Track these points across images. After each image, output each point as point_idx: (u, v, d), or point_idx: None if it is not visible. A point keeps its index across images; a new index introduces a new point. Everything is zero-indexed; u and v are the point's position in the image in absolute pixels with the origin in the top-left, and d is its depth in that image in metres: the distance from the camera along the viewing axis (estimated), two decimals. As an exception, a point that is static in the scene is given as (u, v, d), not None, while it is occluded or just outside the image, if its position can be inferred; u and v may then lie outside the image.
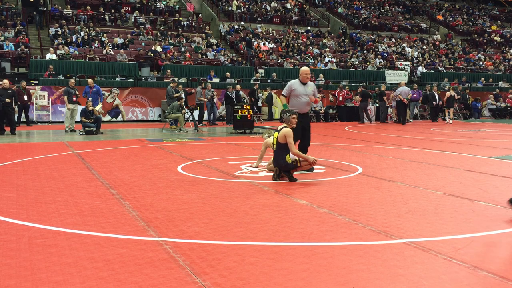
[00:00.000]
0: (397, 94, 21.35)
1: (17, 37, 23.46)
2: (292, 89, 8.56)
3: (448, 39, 38.29)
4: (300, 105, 8.53)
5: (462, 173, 8.08)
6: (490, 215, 5.28)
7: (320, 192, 6.49)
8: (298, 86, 8.56)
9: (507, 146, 12.18)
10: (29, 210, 5.43)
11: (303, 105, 8.57)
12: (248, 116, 15.93)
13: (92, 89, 16.52)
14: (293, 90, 8.55)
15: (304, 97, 8.49)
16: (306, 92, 8.53)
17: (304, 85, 8.59)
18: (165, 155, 10.30)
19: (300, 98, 8.51)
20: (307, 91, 8.56)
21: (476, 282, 3.42)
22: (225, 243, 4.23)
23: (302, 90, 8.55)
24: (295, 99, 8.53)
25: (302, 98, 8.51)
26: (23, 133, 15.82)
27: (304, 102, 8.54)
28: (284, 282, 3.39)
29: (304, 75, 8.59)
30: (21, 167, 8.53)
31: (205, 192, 6.39)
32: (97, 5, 29.26)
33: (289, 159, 7.24)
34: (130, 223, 4.88)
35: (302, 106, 8.55)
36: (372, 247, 4.14)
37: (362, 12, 38.74)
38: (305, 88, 8.57)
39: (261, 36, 30.40)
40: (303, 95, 8.52)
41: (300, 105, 8.53)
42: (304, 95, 8.50)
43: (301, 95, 8.52)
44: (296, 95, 8.53)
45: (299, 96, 8.52)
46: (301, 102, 8.54)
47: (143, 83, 21.96)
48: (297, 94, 8.51)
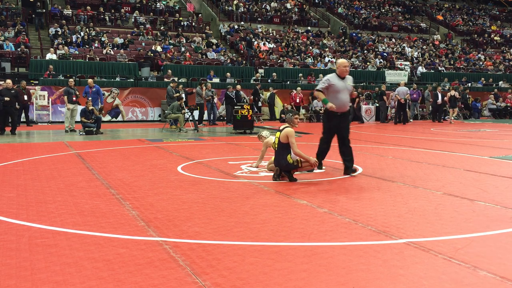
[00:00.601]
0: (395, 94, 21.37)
1: (17, 37, 23.45)
2: (330, 84, 7.52)
3: (448, 39, 38.29)
4: (339, 103, 7.52)
5: (462, 173, 8.07)
6: (490, 215, 5.28)
7: (320, 192, 6.49)
8: (337, 81, 7.55)
9: (507, 146, 12.18)
10: (29, 210, 5.43)
11: (344, 102, 7.56)
12: (248, 116, 15.93)
13: (92, 89, 16.52)
14: (331, 85, 7.52)
15: (345, 93, 7.51)
16: (346, 88, 7.56)
17: (343, 79, 7.60)
18: (165, 155, 10.30)
19: (339, 94, 7.49)
20: (347, 86, 7.58)
21: (476, 282, 3.42)
22: (225, 243, 4.23)
23: (342, 85, 7.54)
24: (334, 96, 7.48)
25: (342, 94, 7.50)
26: (23, 133, 15.82)
27: (344, 99, 7.54)
28: (284, 282, 3.39)
29: (343, 67, 7.57)
30: (21, 167, 8.53)
31: (205, 192, 6.39)
32: (97, 5, 29.25)
33: (290, 159, 7.24)
34: (130, 223, 4.88)
35: (342, 103, 7.55)
36: (372, 247, 4.14)
37: (362, 12, 38.73)
38: (345, 83, 7.59)
39: (261, 36, 30.40)
40: (343, 91, 7.52)
41: (340, 102, 7.52)
42: (344, 91, 7.52)
43: (341, 90, 7.51)
44: (334, 91, 7.51)
45: (339, 92, 7.49)
46: (341, 99, 7.51)
47: (143, 83, 21.96)
48: (336, 89, 7.51)
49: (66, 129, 15.96)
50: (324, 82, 7.59)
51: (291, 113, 7.54)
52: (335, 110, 7.48)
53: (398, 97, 20.92)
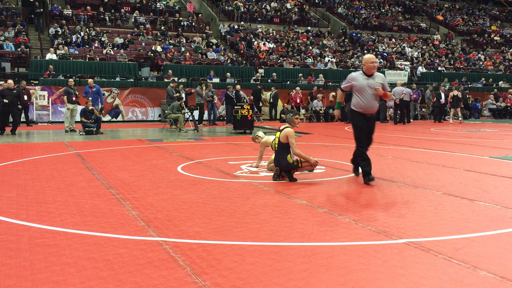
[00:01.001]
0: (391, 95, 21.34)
1: (17, 37, 23.45)
2: (353, 83, 6.89)
3: (448, 39, 38.29)
4: (364, 103, 6.82)
5: (462, 173, 8.07)
6: (490, 215, 5.28)
7: (320, 192, 6.49)
8: (361, 79, 6.85)
9: (507, 146, 12.18)
10: (29, 210, 5.43)
11: (369, 102, 6.82)
12: (248, 116, 15.93)
13: (92, 89, 16.52)
14: (354, 84, 6.88)
15: (370, 94, 6.80)
16: (372, 86, 6.83)
17: (369, 77, 6.88)
18: (165, 155, 10.30)
19: (363, 94, 6.81)
20: (373, 85, 6.84)
21: (476, 282, 3.42)
22: (225, 243, 4.23)
23: (367, 83, 6.84)
24: (358, 96, 6.85)
25: (368, 93, 6.81)
26: (23, 133, 15.81)
27: (371, 99, 6.82)
28: (284, 282, 3.39)
29: (370, 64, 6.85)
30: (21, 167, 8.53)
31: (205, 192, 6.39)
32: (97, 5, 29.25)
33: (290, 159, 7.25)
34: (130, 223, 4.88)
35: (367, 104, 6.83)
36: (372, 247, 4.14)
37: (362, 12, 38.73)
38: (371, 81, 6.86)
39: (261, 36, 30.40)
40: (368, 90, 6.81)
41: (365, 102, 6.82)
42: (369, 90, 6.80)
43: (365, 89, 6.80)
44: (358, 90, 6.83)
45: (363, 91, 6.81)
46: (366, 99, 6.80)
47: (143, 83, 21.96)
48: (359, 88, 6.82)
49: (66, 129, 15.96)
50: (346, 81, 7.05)
51: (291, 113, 7.54)
52: (362, 112, 6.82)
53: (393, 97, 20.87)
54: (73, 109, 16.11)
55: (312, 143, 12.61)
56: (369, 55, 7.13)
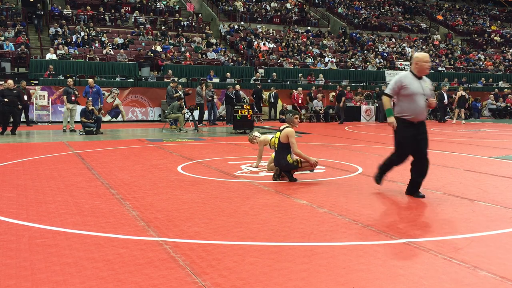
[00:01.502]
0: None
1: (17, 37, 23.45)
2: (403, 86, 5.96)
3: (448, 39, 38.29)
4: (414, 110, 5.95)
5: (462, 173, 8.07)
6: (490, 215, 5.28)
7: (320, 192, 6.49)
8: (412, 81, 5.98)
9: (507, 146, 12.18)
10: (29, 210, 5.43)
11: (420, 109, 5.97)
12: (248, 116, 15.93)
13: (93, 89, 16.53)
14: (404, 87, 5.96)
15: (421, 98, 5.95)
16: (423, 91, 5.98)
17: (420, 79, 6.03)
18: (165, 155, 10.30)
19: (416, 99, 5.93)
20: (424, 90, 6.01)
21: (476, 282, 3.42)
22: (225, 243, 4.23)
23: (418, 87, 5.97)
24: (407, 101, 5.94)
25: (419, 98, 5.95)
26: (23, 133, 15.81)
27: (422, 105, 5.96)
28: (284, 282, 3.39)
29: (424, 63, 5.97)
30: (21, 167, 8.53)
31: (205, 192, 6.39)
32: (97, 5, 29.25)
33: (290, 159, 7.25)
34: (130, 223, 4.88)
35: (418, 111, 5.96)
36: (372, 247, 4.14)
37: (362, 12, 38.73)
38: (422, 84, 6.03)
39: (261, 36, 30.40)
40: (419, 95, 5.95)
41: (415, 109, 5.95)
42: (421, 95, 5.95)
43: (417, 94, 5.94)
44: (408, 94, 5.93)
45: (416, 95, 5.93)
46: (417, 106, 5.93)
47: (143, 83, 21.96)
48: (410, 93, 5.92)
49: (64, 128, 15.95)
50: (395, 85, 6.05)
51: (291, 113, 7.55)
52: (411, 119, 5.99)
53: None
54: (72, 109, 16.11)
55: (312, 143, 12.61)
56: (423, 54, 6.23)
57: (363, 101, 23.87)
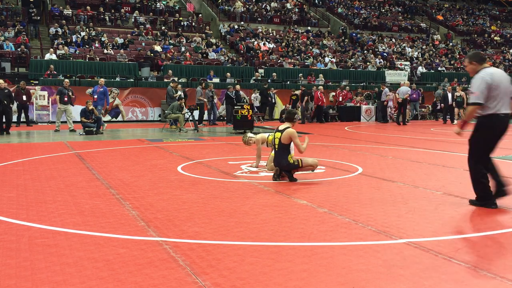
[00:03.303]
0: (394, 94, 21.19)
1: (17, 37, 23.45)
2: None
3: (448, 39, 38.29)
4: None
5: (462, 173, 8.07)
6: (490, 215, 5.28)
7: (320, 192, 6.49)
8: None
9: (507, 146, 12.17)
10: (29, 210, 5.43)
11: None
12: (248, 116, 15.93)
13: (100, 89, 16.64)
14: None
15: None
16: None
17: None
18: (165, 155, 10.30)
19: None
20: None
21: (476, 282, 3.42)
22: (225, 243, 4.23)
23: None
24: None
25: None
26: (23, 133, 15.82)
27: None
28: (284, 282, 3.39)
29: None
30: (21, 167, 8.53)
31: (205, 192, 6.39)
32: (97, 5, 29.25)
33: (291, 159, 7.26)
34: (130, 223, 4.88)
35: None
36: (372, 247, 4.14)
37: (362, 12, 38.73)
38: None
39: (261, 36, 30.40)
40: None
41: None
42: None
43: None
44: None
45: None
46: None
47: (143, 83, 21.96)
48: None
49: (57, 128, 15.91)
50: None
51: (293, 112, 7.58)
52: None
53: (397, 96, 20.78)
54: (66, 109, 16.08)
55: (312, 143, 12.60)
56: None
57: (363, 101, 23.86)
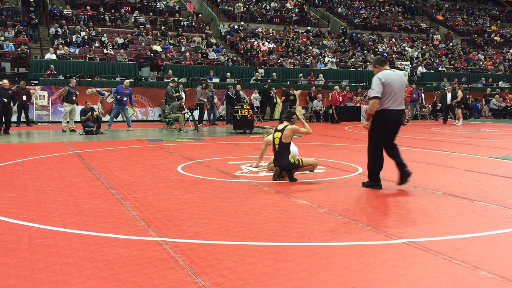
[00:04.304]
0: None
1: (17, 37, 23.44)
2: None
3: (448, 39, 38.29)
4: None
5: (462, 173, 8.07)
6: (490, 215, 5.28)
7: (320, 192, 6.49)
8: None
9: (507, 146, 12.18)
10: (29, 210, 5.43)
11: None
12: (248, 116, 15.93)
13: (126, 91, 16.81)
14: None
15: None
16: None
17: None
18: (165, 155, 10.29)
19: None
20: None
21: (476, 282, 3.42)
22: (225, 243, 4.23)
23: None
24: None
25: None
26: (23, 133, 15.82)
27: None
28: (284, 282, 3.39)
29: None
30: (21, 167, 8.52)
31: (205, 192, 6.38)
32: (97, 5, 29.24)
33: (291, 159, 7.26)
34: (130, 223, 4.88)
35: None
36: (372, 247, 4.14)
37: (362, 12, 38.73)
38: None
39: (261, 36, 30.39)
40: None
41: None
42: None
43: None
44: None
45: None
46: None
47: (143, 83, 21.95)
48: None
49: (64, 129, 15.92)
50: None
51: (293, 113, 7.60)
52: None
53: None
54: (72, 109, 16.10)
55: (312, 143, 12.61)
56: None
57: (363, 101, 23.86)
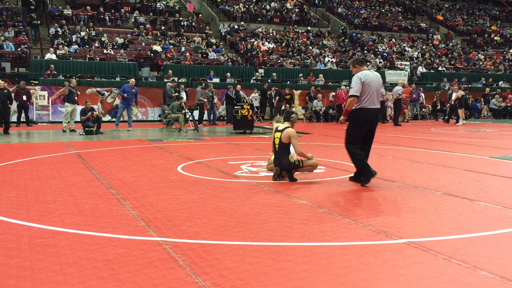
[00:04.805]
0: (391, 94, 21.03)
1: (17, 37, 23.44)
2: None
3: (448, 39, 38.29)
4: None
5: (462, 173, 8.07)
6: (490, 215, 5.28)
7: (320, 192, 6.49)
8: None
9: (507, 146, 12.18)
10: (29, 210, 5.43)
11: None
12: (248, 116, 15.93)
13: (132, 90, 16.88)
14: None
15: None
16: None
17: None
18: (165, 155, 10.29)
19: None
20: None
21: (476, 282, 3.42)
22: (225, 243, 4.23)
23: None
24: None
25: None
26: (23, 133, 15.82)
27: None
28: (284, 282, 3.39)
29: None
30: (21, 167, 8.52)
31: (205, 192, 6.38)
32: (97, 5, 29.25)
33: (291, 159, 7.26)
34: (130, 223, 4.88)
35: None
36: (372, 247, 4.14)
37: (362, 12, 38.74)
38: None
39: (261, 36, 30.39)
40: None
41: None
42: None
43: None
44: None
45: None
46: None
47: (143, 83, 21.96)
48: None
49: (64, 129, 15.92)
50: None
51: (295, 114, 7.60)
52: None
53: (386, 96, 20.54)
54: (74, 109, 16.11)
55: (312, 143, 12.61)
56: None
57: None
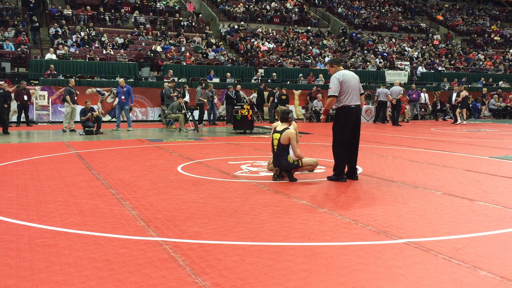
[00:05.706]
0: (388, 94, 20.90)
1: (17, 37, 23.44)
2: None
3: (448, 39, 38.29)
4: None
5: (462, 173, 8.07)
6: (490, 215, 5.28)
7: (320, 192, 6.49)
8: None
9: (507, 146, 12.18)
10: (29, 210, 5.43)
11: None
12: (248, 116, 15.93)
13: (124, 89, 16.79)
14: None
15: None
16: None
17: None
18: (165, 155, 10.29)
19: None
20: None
21: (476, 282, 3.42)
22: (225, 243, 4.23)
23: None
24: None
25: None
26: (23, 133, 15.81)
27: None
28: (284, 282, 3.39)
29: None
30: (21, 167, 8.52)
31: (205, 192, 6.38)
32: (97, 5, 29.25)
33: (291, 159, 7.26)
34: (130, 223, 4.88)
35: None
36: (372, 247, 4.14)
37: (362, 12, 38.74)
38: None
39: (261, 36, 30.39)
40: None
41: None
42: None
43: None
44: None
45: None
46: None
47: (143, 83, 21.96)
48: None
49: (64, 129, 15.92)
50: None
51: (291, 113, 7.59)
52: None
53: (390, 97, 20.52)
54: (74, 109, 16.11)
55: (312, 143, 12.61)
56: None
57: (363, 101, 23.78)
